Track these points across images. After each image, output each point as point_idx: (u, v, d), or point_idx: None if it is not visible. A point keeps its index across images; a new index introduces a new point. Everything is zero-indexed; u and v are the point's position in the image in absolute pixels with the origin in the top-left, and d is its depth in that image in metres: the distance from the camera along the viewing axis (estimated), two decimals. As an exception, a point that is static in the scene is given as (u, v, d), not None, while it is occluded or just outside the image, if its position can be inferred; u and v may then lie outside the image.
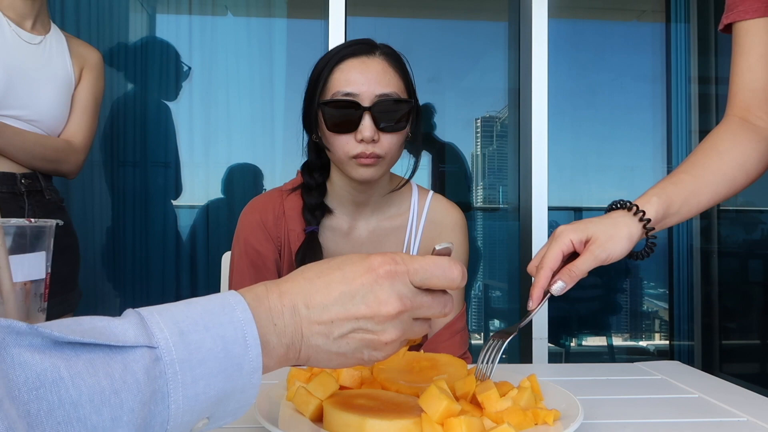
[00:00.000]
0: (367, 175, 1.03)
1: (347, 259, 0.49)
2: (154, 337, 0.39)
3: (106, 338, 0.37)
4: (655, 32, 2.93)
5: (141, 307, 0.42)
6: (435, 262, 0.50)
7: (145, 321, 0.40)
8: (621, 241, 0.79)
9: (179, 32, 2.59)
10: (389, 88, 1.02)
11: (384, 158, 1.03)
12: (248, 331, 0.43)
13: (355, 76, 1.02)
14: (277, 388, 0.71)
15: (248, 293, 0.46)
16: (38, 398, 0.33)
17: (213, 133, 2.61)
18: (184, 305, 0.43)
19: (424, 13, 2.98)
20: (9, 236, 0.67)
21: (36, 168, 1.48)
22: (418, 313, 0.49)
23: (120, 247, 2.54)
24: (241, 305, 0.44)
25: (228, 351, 0.41)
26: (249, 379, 0.43)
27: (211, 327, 0.41)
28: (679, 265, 2.90)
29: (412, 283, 0.49)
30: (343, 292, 0.47)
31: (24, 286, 0.68)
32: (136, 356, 0.38)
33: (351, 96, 1.01)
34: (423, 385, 0.63)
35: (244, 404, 0.44)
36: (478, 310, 2.92)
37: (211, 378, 0.40)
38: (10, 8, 1.45)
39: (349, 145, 1.02)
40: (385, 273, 0.47)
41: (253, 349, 0.43)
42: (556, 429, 0.60)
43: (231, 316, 0.43)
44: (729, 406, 0.74)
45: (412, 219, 1.16)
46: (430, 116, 2.72)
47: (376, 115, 1.00)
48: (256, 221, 1.12)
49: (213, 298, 0.44)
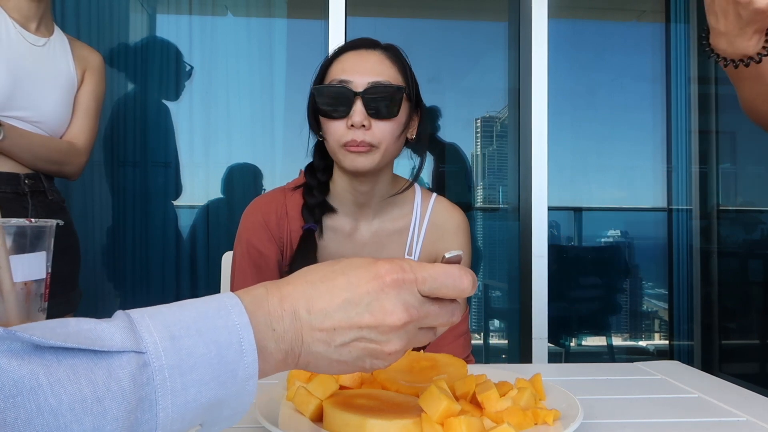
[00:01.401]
0: (358, 163, 1.02)
1: (352, 264, 0.47)
2: (143, 342, 0.37)
3: (90, 342, 0.36)
4: (655, 32, 2.93)
5: (133, 309, 0.40)
6: (445, 271, 0.48)
7: (135, 324, 0.38)
8: None
9: (179, 32, 2.59)
10: (383, 76, 1.02)
11: (377, 148, 1.02)
12: (244, 336, 0.41)
13: (351, 65, 1.03)
14: (277, 388, 0.71)
15: (246, 295, 0.44)
16: (15, 406, 0.32)
17: (213, 133, 2.61)
18: (178, 307, 0.41)
19: (424, 13, 2.98)
20: (9, 236, 0.67)
21: (39, 169, 1.48)
22: (425, 322, 0.47)
23: (120, 247, 2.54)
24: (237, 308, 0.42)
25: (222, 357, 0.40)
26: (244, 386, 0.41)
27: (204, 331, 0.40)
28: (679, 265, 2.90)
29: (419, 293, 0.47)
30: (347, 300, 0.45)
31: (24, 286, 0.68)
32: (122, 362, 0.36)
33: (344, 82, 1.01)
34: (423, 385, 0.63)
35: (239, 411, 0.42)
36: (478, 310, 2.92)
37: (203, 385, 0.39)
38: (15, 10, 1.46)
39: (339, 132, 1.01)
40: (393, 282, 0.45)
41: (249, 355, 0.41)
42: (556, 429, 0.60)
43: (226, 320, 0.41)
44: (728, 405, 0.74)
45: (414, 221, 1.15)
46: (435, 118, 2.72)
47: (367, 101, 1.00)
48: (259, 221, 1.12)
49: (209, 300, 0.42)
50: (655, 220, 2.98)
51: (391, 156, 1.07)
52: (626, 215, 3.04)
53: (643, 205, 2.98)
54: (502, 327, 2.95)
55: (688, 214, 2.91)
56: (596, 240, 3.06)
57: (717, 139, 2.84)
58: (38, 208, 1.47)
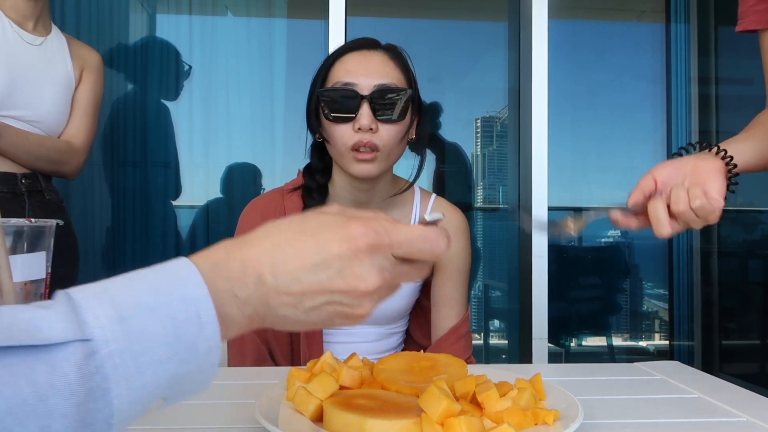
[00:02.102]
0: (365, 171, 1.02)
1: (323, 224, 0.44)
2: (88, 328, 0.34)
3: (27, 337, 0.32)
4: (655, 32, 2.93)
5: (75, 287, 0.37)
6: (422, 234, 0.45)
7: (78, 308, 0.35)
8: None
9: (179, 32, 2.59)
10: (388, 78, 1.02)
11: (382, 152, 1.02)
12: (202, 309, 0.38)
13: (355, 67, 1.02)
14: (277, 388, 0.71)
15: (204, 261, 0.41)
16: None
17: (213, 133, 2.61)
18: (128, 282, 0.38)
19: (424, 13, 2.98)
20: (9, 236, 0.67)
21: (37, 169, 1.48)
22: (396, 281, 0.46)
23: (120, 247, 2.53)
24: (194, 278, 0.39)
25: (180, 333, 0.37)
26: (206, 358, 0.38)
27: (158, 308, 0.37)
28: (679, 265, 2.90)
29: (393, 256, 0.44)
30: (316, 264, 0.42)
31: (24, 286, 0.68)
32: (66, 354, 0.33)
33: (350, 85, 1.01)
34: (423, 385, 0.63)
35: (203, 383, 0.40)
36: (478, 310, 2.92)
37: (160, 365, 0.36)
38: (12, 9, 1.45)
39: (347, 135, 1.01)
40: (367, 247, 0.42)
41: (209, 327, 0.38)
42: (556, 429, 0.60)
43: (182, 292, 0.38)
44: (728, 406, 0.74)
45: (413, 222, 1.15)
46: (435, 116, 2.72)
47: (374, 104, 1.00)
48: (257, 222, 1.12)
49: (161, 270, 0.39)
50: (655, 220, 2.97)
51: (395, 159, 1.07)
52: (626, 215, 3.04)
53: (643, 205, 2.97)
54: (502, 327, 2.95)
55: (688, 214, 2.90)
56: (596, 240, 3.06)
57: (717, 139, 2.83)
58: (36, 208, 1.47)
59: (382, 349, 1.15)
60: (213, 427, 0.66)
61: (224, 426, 0.66)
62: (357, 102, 1.00)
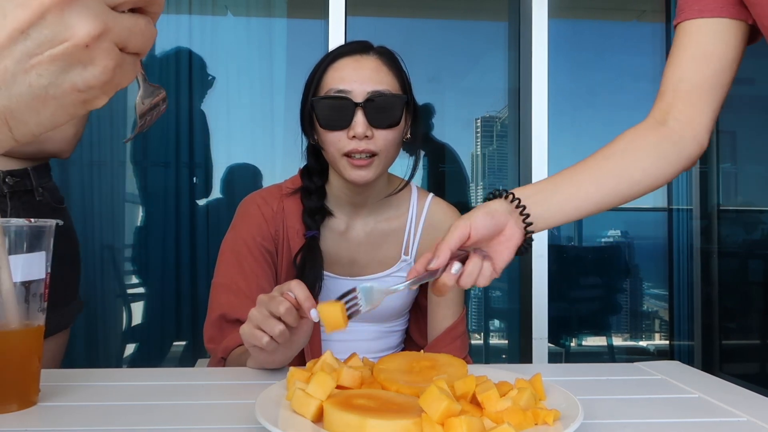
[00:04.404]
0: (361, 176, 1.02)
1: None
2: None
3: None
4: (655, 32, 2.93)
5: None
6: None
7: None
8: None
9: (179, 32, 2.59)
10: (382, 85, 1.02)
11: (378, 156, 1.02)
12: None
13: (348, 73, 1.02)
14: (277, 389, 0.70)
15: None
16: None
17: (213, 133, 2.61)
18: None
19: (424, 13, 2.98)
20: (8, 236, 0.67)
21: (24, 154, 1.29)
22: (125, 38, 0.38)
23: (119, 247, 2.54)
24: None
25: None
26: None
27: None
28: (679, 265, 2.90)
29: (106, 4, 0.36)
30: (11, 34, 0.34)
31: (24, 286, 0.68)
32: None
33: (343, 93, 1.00)
34: (423, 385, 0.63)
35: None
36: (477, 310, 2.92)
37: None
38: None
39: (341, 142, 1.01)
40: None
41: None
42: (556, 429, 0.60)
43: None
44: (729, 406, 0.74)
45: (410, 221, 1.15)
46: (429, 116, 2.71)
47: (368, 111, 1.00)
48: (256, 213, 1.12)
49: None
50: (655, 220, 2.98)
51: (390, 162, 1.08)
52: (626, 215, 3.04)
53: (644, 205, 2.98)
54: (502, 327, 2.95)
55: (688, 214, 2.91)
56: (596, 240, 3.06)
57: (717, 138, 2.83)
58: (20, 210, 1.27)
59: (382, 348, 1.15)
60: (213, 427, 0.66)
61: (224, 426, 0.66)
62: (351, 110, 1.00)
